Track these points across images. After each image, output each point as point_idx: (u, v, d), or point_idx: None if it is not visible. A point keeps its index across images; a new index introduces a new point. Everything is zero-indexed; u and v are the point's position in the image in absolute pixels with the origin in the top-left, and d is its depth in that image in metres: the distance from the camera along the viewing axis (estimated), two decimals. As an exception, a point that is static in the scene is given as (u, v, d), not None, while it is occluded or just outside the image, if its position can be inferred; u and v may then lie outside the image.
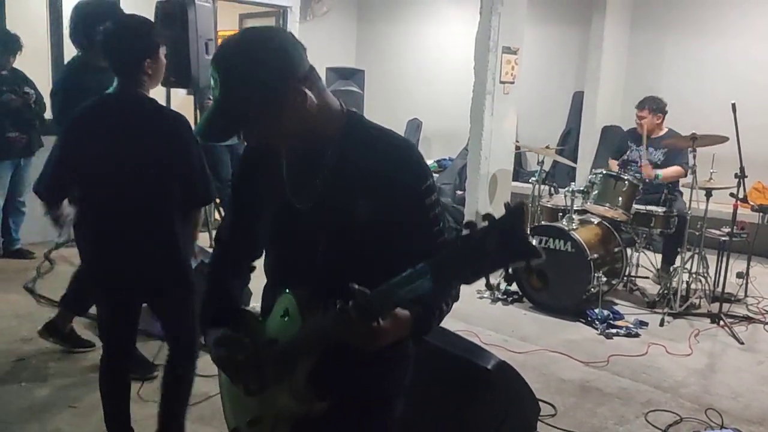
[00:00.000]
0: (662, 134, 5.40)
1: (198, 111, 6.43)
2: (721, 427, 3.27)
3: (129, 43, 2.48)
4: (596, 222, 5.10)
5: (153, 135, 2.45)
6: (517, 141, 6.39)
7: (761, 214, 5.38)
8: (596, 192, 5.02)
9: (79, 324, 4.22)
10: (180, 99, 6.63)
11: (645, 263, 5.60)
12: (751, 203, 5.82)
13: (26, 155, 5.52)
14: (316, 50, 6.73)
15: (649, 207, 5.09)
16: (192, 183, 2.51)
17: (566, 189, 5.14)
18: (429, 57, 8.92)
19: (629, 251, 5.23)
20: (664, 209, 5.06)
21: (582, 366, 3.95)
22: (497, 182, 5.92)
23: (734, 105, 4.57)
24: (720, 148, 4.82)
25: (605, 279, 4.76)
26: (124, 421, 2.74)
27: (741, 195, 4.79)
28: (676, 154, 5.26)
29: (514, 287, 5.04)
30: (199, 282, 3.80)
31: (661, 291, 5.10)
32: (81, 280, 3.66)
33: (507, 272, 1.09)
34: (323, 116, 1.43)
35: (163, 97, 6.81)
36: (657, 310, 4.89)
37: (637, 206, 5.04)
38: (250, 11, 8.42)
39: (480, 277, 1.10)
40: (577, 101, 7.91)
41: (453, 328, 2.94)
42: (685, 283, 4.97)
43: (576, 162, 7.25)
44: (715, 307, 4.78)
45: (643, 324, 4.63)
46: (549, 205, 5.41)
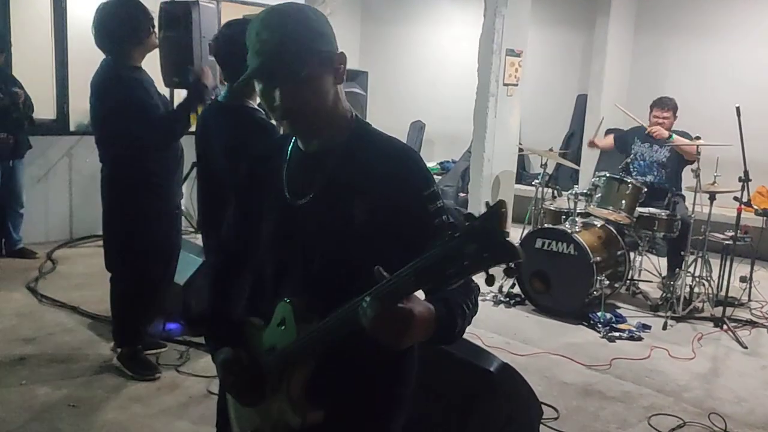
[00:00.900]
0: (670, 124, 5.37)
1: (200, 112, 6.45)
2: (724, 432, 3.26)
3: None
4: (599, 225, 5.09)
5: None
6: (521, 144, 6.37)
7: (765, 218, 5.35)
8: (599, 195, 5.00)
9: (83, 325, 4.23)
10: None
11: (648, 267, 5.59)
12: (755, 207, 5.80)
13: (15, 157, 5.44)
14: (320, 51, 6.51)
15: (653, 210, 5.07)
16: None
17: (569, 192, 5.13)
18: (432, 59, 8.91)
19: (632, 254, 5.21)
20: (668, 212, 5.04)
21: (584, 369, 3.94)
22: (500, 185, 5.91)
23: (738, 109, 4.56)
24: (724, 152, 4.81)
25: (608, 282, 4.74)
26: None
27: (745, 199, 4.78)
28: (681, 155, 5.25)
29: (517, 290, 5.03)
30: (203, 285, 3.84)
31: (664, 294, 5.09)
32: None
33: (488, 274, 1.06)
34: (337, 111, 1.44)
35: (167, 97, 6.84)
36: (660, 314, 4.87)
37: (641, 209, 5.03)
38: (255, 13, 8.42)
39: (461, 279, 1.08)
40: (581, 104, 7.90)
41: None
42: (689, 287, 4.95)
43: (579, 165, 7.23)
44: (719, 311, 4.76)
45: (646, 327, 4.62)
46: (552, 208, 5.39)
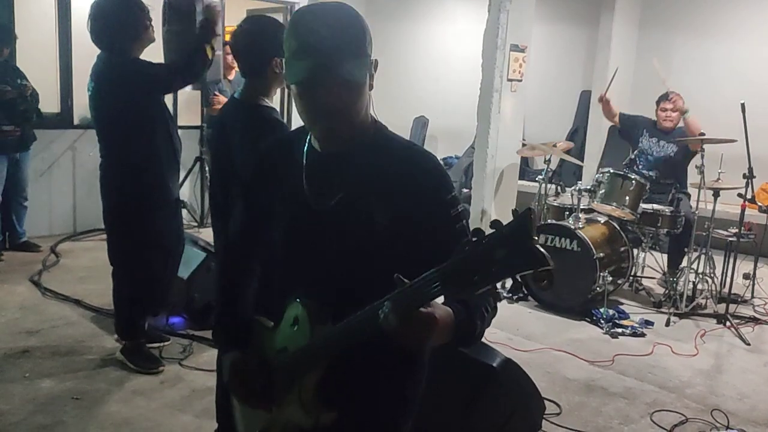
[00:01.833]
0: (677, 128, 5.37)
1: (204, 106, 6.46)
2: (727, 428, 3.25)
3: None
4: (603, 221, 5.08)
5: None
6: (524, 140, 6.36)
7: (769, 215, 5.36)
8: (603, 191, 5.00)
9: (86, 318, 4.24)
10: (186, 94, 6.64)
11: (651, 263, 5.58)
12: (759, 204, 5.80)
13: (21, 150, 5.45)
14: (324, 46, 6.53)
15: (656, 207, 5.07)
16: None
17: (573, 188, 5.12)
18: (436, 54, 8.90)
19: (635, 251, 5.21)
20: (671, 209, 5.04)
21: (587, 365, 3.94)
22: (503, 180, 5.90)
23: (743, 105, 4.55)
24: (728, 149, 4.79)
25: (611, 278, 4.74)
26: None
27: (749, 195, 4.78)
28: (688, 149, 5.23)
29: (520, 286, 5.03)
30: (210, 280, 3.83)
31: (667, 291, 5.09)
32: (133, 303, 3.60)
33: (515, 280, 1.07)
34: (365, 114, 1.42)
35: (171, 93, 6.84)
36: (663, 310, 4.86)
37: (644, 206, 5.02)
38: (258, 7, 8.41)
39: (488, 286, 1.08)
40: (585, 100, 7.89)
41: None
42: (692, 284, 4.95)
43: (583, 161, 7.23)
44: (722, 308, 4.75)
45: (649, 324, 4.61)
46: (555, 204, 5.38)
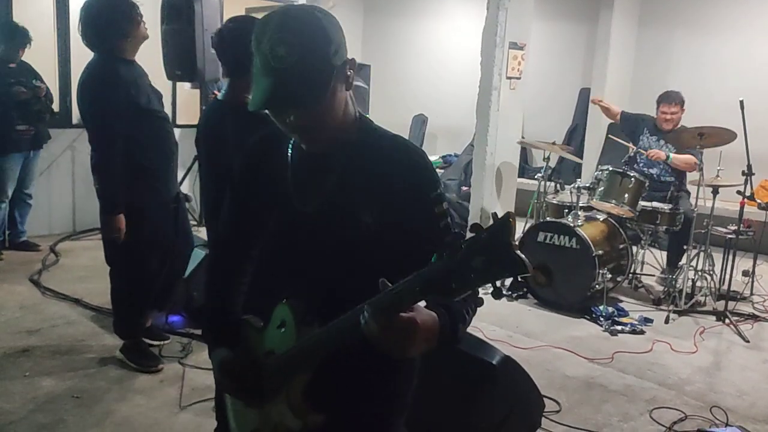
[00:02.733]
0: (676, 128, 5.36)
1: (203, 105, 6.45)
2: (726, 425, 3.25)
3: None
4: (602, 219, 5.09)
5: None
6: (523, 137, 6.37)
7: (768, 212, 5.36)
8: (602, 189, 5.00)
9: (86, 317, 4.24)
10: (185, 93, 6.64)
11: (650, 260, 5.59)
12: (758, 201, 5.80)
13: (35, 148, 5.54)
14: (323, 44, 6.50)
15: (655, 204, 5.07)
16: None
17: (572, 185, 5.12)
18: (435, 52, 8.90)
19: (635, 248, 5.21)
20: (670, 206, 5.04)
21: (586, 362, 3.94)
22: (503, 178, 5.90)
23: (742, 102, 4.55)
24: (727, 146, 4.80)
25: (610, 276, 4.74)
26: None
27: (748, 193, 4.78)
28: (687, 151, 5.23)
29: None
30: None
31: (667, 288, 5.09)
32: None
33: (495, 287, 1.05)
34: (345, 115, 1.39)
35: (169, 91, 6.84)
36: (662, 308, 4.87)
37: (643, 203, 5.02)
38: (257, 5, 8.41)
39: (467, 292, 1.06)
40: (584, 98, 7.88)
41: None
42: (691, 281, 4.95)
43: (582, 158, 7.23)
44: (721, 305, 4.76)
45: (648, 321, 4.62)
46: (554, 202, 5.39)
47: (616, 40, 7.37)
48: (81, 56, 3.64)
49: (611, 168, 5.09)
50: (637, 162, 5.45)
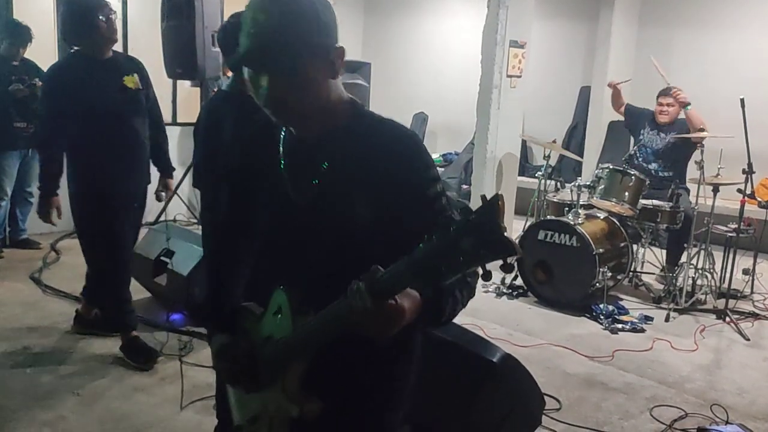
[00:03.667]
0: (678, 120, 5.36)
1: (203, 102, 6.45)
2: (726, 423, 3.25)
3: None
4: (602, 217, 5.09)
5: None
6: (523, 134, 6.36)
7: (768, 210, 5.35)
8: (602, 187, 5.00)
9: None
10: (186, 90, 6.63)
11: (651, 259, 5.59)
12: (759, 199, 5.79)
13: (33, 146, 5.53)
14: (323, 42, 6.46)
15: (656, 202, 5.07)
16: None
17: (572, 184, 5.13)
18: (435, 50, 8.89)
19: (635, 246, 5.21)
20: (671, 204, 5.04)
21: (587, 360, 3.94)
22: (503, 177, 5.90)
23: (743, 101, 4.55)
24: (728, 144, 4.80)
25: (610, 274, 4.74)
26: None
27: (748, 191, 4.78)
28: (684, 141, 5.22)
29: (519, 281, 5.04)
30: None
31: (667, 287, 5.09)
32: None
33: (484, 269, 1.04)
34: (333, 102, 1.40)
35: (170, 89, 6.84)
36: (662, 306, 4.87)
37: (644, 201, 5.02)
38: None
39: (456, 275, 1.05)
40: (584, 96, 7.89)
41: (458, 322, 2.92)
42: (691, 279, 4.95)
43: (582, 157, 7.22)
44: (721, 303, 4.77)
45: (649, 319, 4.62)
46: (555, 200, 5.39)
47: (617, 39, 7.37)
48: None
49: (611, 166, 5.09)
50: (637, 157, 5.45)
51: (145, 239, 4.50)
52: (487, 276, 1.05)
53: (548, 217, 5.13)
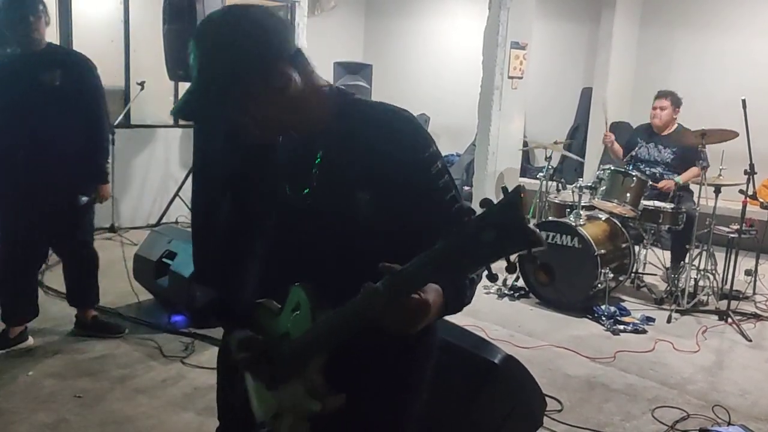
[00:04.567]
0: (673, 129, 5.37)
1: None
2: (728, 424, 3.25)
3: None
4: (604, 218, 5.08)
5: None
6: (525, 137, 6.37)
7: (770, 212, 5.34)
8: (604, 188, 4.99)
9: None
10: (188, 93, 6.62)
11: (653, 260, 5.58)
12: (761, 200, 5.78)
13: None
14: (324, 44, 6.82)
15: (658, 203, 5.06)
16: None
17: (574, 185, 5.12)
18: (437, 52, 8.90)
19: (637, 247, 5.21)
20: (673, 206, 5.03)
21: (588, 362, 3.94)
22: (504, 178, 5.91)
23: (744, 101, 4.55)
24: (730, 145, 4.79)
25: (612, 275, 4.74)
26: None
27: (750, 192, 4.77)
28: (687, 152, 5.22)
29: (521, 282, 5.04)
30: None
31: (669, 288, 5.09)
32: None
33: (508, 262, 1.04)
34: (313, 100, 1.37)
35: (171, 90, 6.84)
36: (664, 307, 4.87)
37: (645, 202, 5.01)
38: (259, 5, 8.42)
39: (481, 267, 1.05)
40: (586, 97, 7.88)
41: (460, 323, 2.93)
42: (693, 280, 4.95)
43: (584, 158, 7.22)
44: (723, 304, 4.76)
45: (650, 320, 4.61)
46: (556, 201, 5.38)
47: (618, 40, 7.37)
48: (83, 53, 3.67)
49: (613, 167, 5.09)
50: (639, 162, 5.45)
51: (147, 241, 4.50)
52: (512, 268, 1.05)
53: (550, 219, 5.13)
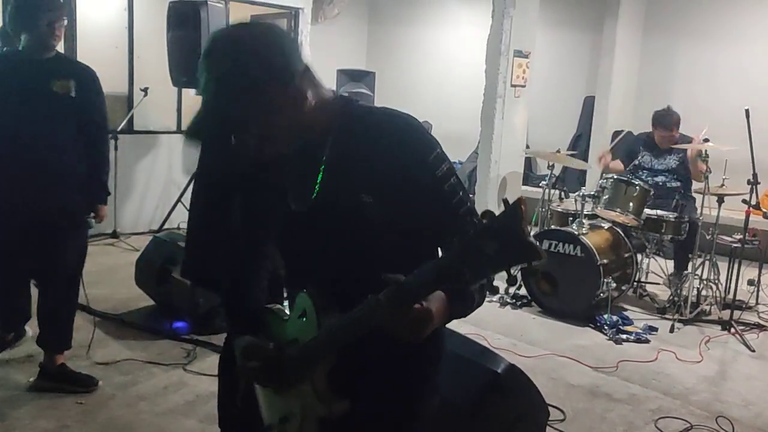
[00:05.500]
0: (675, 139, 5.36)
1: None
2: (732, 435, 3.24)
3: None
4: (606, 227, 5.07)
5: None
6: (528, 145, 6.37)
7: (773, 222, 5.34)
8: (607, 197, 4.99)
9: (90, 322, 4.23)
10: (191, 99, 6.66)
11: (655, 269, 5.57)
12: (764, 210, 5.77)
13: None
14: (327, 52, 6.82)
15: (660, 212, 5.05)
16: None
17: (576, 193, 5.12)
18: (440, 59, 8.92)
19: (639, 257, 5.20)
20: (675, 215, 5.02)
21: (591, 371, 3.93)
22: (507, 186, 5.90)
23: (747, 111, 4.54)
24: (732, 154, 4.79)
25: (615, 284, 4.73)
26: None
27: (753, 202, 4.76)
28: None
29: (523, 291, 5.03)
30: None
31: (672, 297, 5.07)
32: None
33: (509, 274, 1.05)
34: (319, 111, 1.38)
35: (175, 96, 6.86)
36: (667, 317, 4.85)
37: (648, 212, 5.01)
38: (262, 12, 8.44)
39: (482, 279, 1.06)
40: (588, 106, 7.89)
41: (462, 332, 2.92)
42: (696, 290, 4.94)
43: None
44: (726, 314, 4.74)
45: (653, 330, 4.60)
46: (559, 210, 5.38)
47: (621, 49, 7.38)
48: (87, 59, 3.67)
49: (616, 176, 5.09)
50: (641, 170, 5.44)
51: (149, 247, 4.51)
52: (513, 280, 1.06)
53: (552, 227, 5.13)
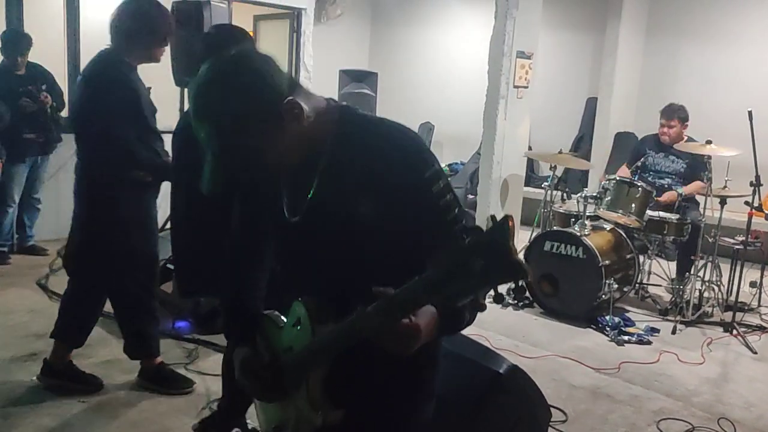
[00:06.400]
0: (683, 142, 5.36)
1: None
2: (734, 437, 3.24)
3: None
4: (609, 228, 5.07)
5: None
6: (530, 147, 6.36)
7: (776, 223, 5.33)
8: (609, 198, 4.99)
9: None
10: (194, 99, 6.65)
11: (657, 270, 5.57)
12: (766, 212, 5.77)
13: (43, 153, 5.56)
14: (330, 52, 6.84)
15: (663, 214, 5.05)
16: None
17: (579, 195, 5.12)
18: (442, 60, 8.91)
19: (641, 258, 5.20)
20: (678, 216, 5.02)
21: (593, 372, 3.93)
22: (509, 187, 5.91)
23: (750, 113, 4.54)
24: (735, 156, 4.79)
25: (617, 286, 4.73)
26: None
27: (756, 203, 4.76)
28: (698, 164, 5.20)
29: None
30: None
31: (674, 299, 5.07)
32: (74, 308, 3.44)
33: (496, 292, 1.04)
34: (317, 121, 1.36)
35: (177, 97, 6.86)
36: (669, 318, 4.85)
37: (651, 213, 5.00)
38: (265, 13, 8.45)
39: (471, 296, 1.05)
40: (591, 107, 7.88)
41: (464, 333, 2.92)
42: (698, 292, 4.93)
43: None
44: (728, 316, 4.74)
45: (655, 331, 4.60)
46: (561, 211, 5.38)
47: (624, 50, 7.38)
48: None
49: (618, 177, 5.09)
50: (646, 172, 5.44)
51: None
52: (499, 298, 1.05)
53: (554, 228, 5.13)
